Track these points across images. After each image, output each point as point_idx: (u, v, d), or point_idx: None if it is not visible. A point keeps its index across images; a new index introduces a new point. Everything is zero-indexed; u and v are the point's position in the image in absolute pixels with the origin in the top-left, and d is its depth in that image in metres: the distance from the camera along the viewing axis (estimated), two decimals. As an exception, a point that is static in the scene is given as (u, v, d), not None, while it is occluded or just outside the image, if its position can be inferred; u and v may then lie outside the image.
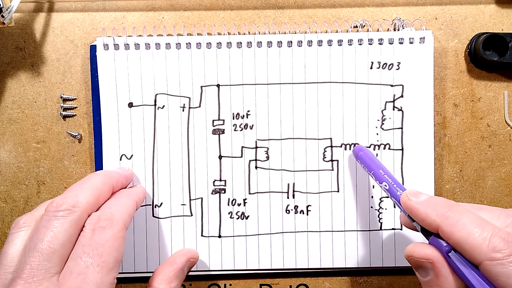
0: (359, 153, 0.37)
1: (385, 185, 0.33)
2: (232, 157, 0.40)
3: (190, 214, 0.40)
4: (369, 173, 0.35)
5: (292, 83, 0.39)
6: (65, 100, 0.40)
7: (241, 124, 0.40)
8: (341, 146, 0.40)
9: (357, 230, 0.40)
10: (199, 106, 0.39)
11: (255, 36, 0.39)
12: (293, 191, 0.40)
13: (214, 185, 0.40)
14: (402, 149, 0.40)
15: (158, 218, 0.40)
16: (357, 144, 0.39)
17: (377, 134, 0.39)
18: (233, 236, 0.40)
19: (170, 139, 0.39)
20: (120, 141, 0.39)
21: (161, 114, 0.39)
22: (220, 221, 0.40)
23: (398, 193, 0.32)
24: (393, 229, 0.40)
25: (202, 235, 0.40)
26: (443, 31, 0.41)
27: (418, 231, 0.30)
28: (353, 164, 0.40)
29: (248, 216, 0.40)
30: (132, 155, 0.39)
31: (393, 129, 0.39)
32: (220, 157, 0.40)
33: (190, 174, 0.40)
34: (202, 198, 0.40)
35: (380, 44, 0.39)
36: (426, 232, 0.29)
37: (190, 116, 0.39)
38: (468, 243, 0.25)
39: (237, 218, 0.40)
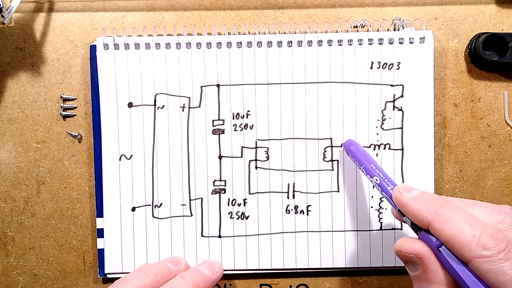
0: (350, 147, 0.37)
1: (376, 180, 0.33)
2: (232, 157, 0.40)
3: (190, 214, 0.40)
4: (359, 167, 0.36)
5: (292, 83, 0.39)
6: (65, 100, 0.40)
7: (241, 124, 0.39)
8: (341, 146, 0.40)
9: (357, 230, 0.40)
10: (199, 106, 0.39)
11: (255, 36, 0.39)
12: (293, 191, 0.40)
13: (214, 185, 0.40)
14: (402, 149, 0.40)
15: (158, 218, 0.40)
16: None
17: (377, 134, 0.39)
18: (233, 236, 0.40)
19: (170, 139, 0.39)
20: (119, 141, 0.39)
21: (161, 114, 0.39)
22: (220, 221, 0.40)
23: (389, 188, 0.32)
24: (393, 229, 0.40)
25: (202, 235, 0.40)
26: (443, 31, 0.41)
27: (408, 225, 0.30)
28: (353, 164, 0.40)
29: (248, 216, 0.40)
30: (131, 155, 0.39)
31: (393, 129, 0.39)
32: (220, 157, 0.40)
33: (190, 174, 0.40)
34: (202, 198, 0.40)
35: (380, 44, 0.39)
36: (416, 227, 0.29)
37: (190, 116, 0.39)
38: (458, 241, 0.26)
39: (237, 218, 0.40)
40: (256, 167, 0.40)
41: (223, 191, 0.40)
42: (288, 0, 0.40)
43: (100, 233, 0.40)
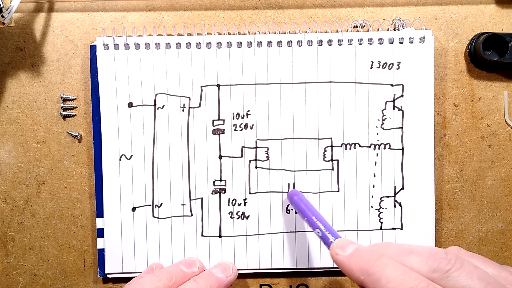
0: (293, 198, 0.37)
1: (318, 232, 0.33)
2: (232, 157, 0.40)
3: (190, 214, 0.40)
4: (303, 218, 0.35)
5: (292, 83, 0.39)
6: (65, 100, 0.40)
7: (241, 124, 0.39)
8: (341, 146, 0.40)
9: (357, 230, 0.40)
10: (199, 106, 0.39)
11: (255, 36, 0.39)
12: (293, 191, 0.40)
13: (214, 185, 0.40)
14: (402, 149, 0.40)
15: (158, 218, 0.40)
16: (357, 143, 0.39)
17: (377, 133, 0.39)
18: (234, 236, 0.40)
19: (170, 139, 0.39)
20: (119, 141, 0.39)
21: (161, 114, 0.39)
22: (220, 221, 0.40)
23: (331, 241, 0.31)
24: (393, 228, 0.40)
25: (202, 235, 0.40)
26: (443, 31, 0.41)
27: None
28: (353, 163, 0.40)
29: (248, 216, 0.40)
30: (131, 155, 0.39)
31: (393, 128, 0.39)
32: (220, 157, 0.40)
33: (190, 174, 0.40)
34: (202, 198, 0.40)
35: (380, 43, 0.39)
36: None
37: (190, 116, 0.39)
38: None
39: (238, 218, 0.40)
40: (256, 167, 0.40)
41: (223, 191, 0.40)
42: (288, 0, 0.40)
43: (100, 233, 0.40)
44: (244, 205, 0.40)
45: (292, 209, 0.40)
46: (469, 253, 0.29)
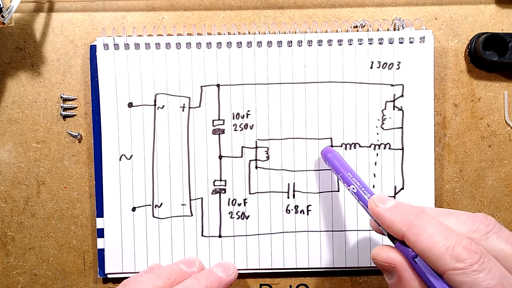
0: (327, 155, 0.37)
1: (353, 188, 0.33)
2: (232, 157, 0.40)
3: (190, 214, 0.40)
4: (337, 175, 0.35)
5: (292, 83, 0.39)
6: (65, 100, 0.40)
7: (241, 124, 0.39)
8: (341, 146, 0.40)
9: (357, 230, 0.40)
10: (199, 106, 0.39)
11: (255, 36, 0.39)
12: (294, 191, 0.40)
13: (214, 185, 0.40)
14: (402, 149, 0.40)
15: (158, 218, 0.40)
16: (357, 143, 0.39)
17: (378, 133, 0.39)
18: (234, 236, 0.40)
19: (170, 139, 0.39)
20: (119, 141, 0.39)
21: (161, 114, 0.39)
22: (220, 221, 0.40)
23: (366, 197, 0.32)
24: (393, 229, 0.40)
25: (202, 235, 0.40)
26: (443, 31, 0.41)
27: (385, 235, 0.30)
28: (353, 163, 0.40)
29: (248, 216, 0.40)
30: (131, 155, 0.39)
31: (393, 128, 0.39)
32: (220, 157, 0.40)
33: (190, 174, 0.40)
34: (202, 198, 0.40)
35: (380, 43, 0.39)
36: (393, 237, 0.29)
37: (190, 116, 0.39)
38: (432, 253, 0.26)
39: (238, 218, 0.40)
40: (256, 167, 0.40)
41: (223, 191, 0.40)
42: (288, 0, 0.40)
43: (100, 233, 0.40)
44: (244, 205, 0.40)
45: (292, 209, 0.40)
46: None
